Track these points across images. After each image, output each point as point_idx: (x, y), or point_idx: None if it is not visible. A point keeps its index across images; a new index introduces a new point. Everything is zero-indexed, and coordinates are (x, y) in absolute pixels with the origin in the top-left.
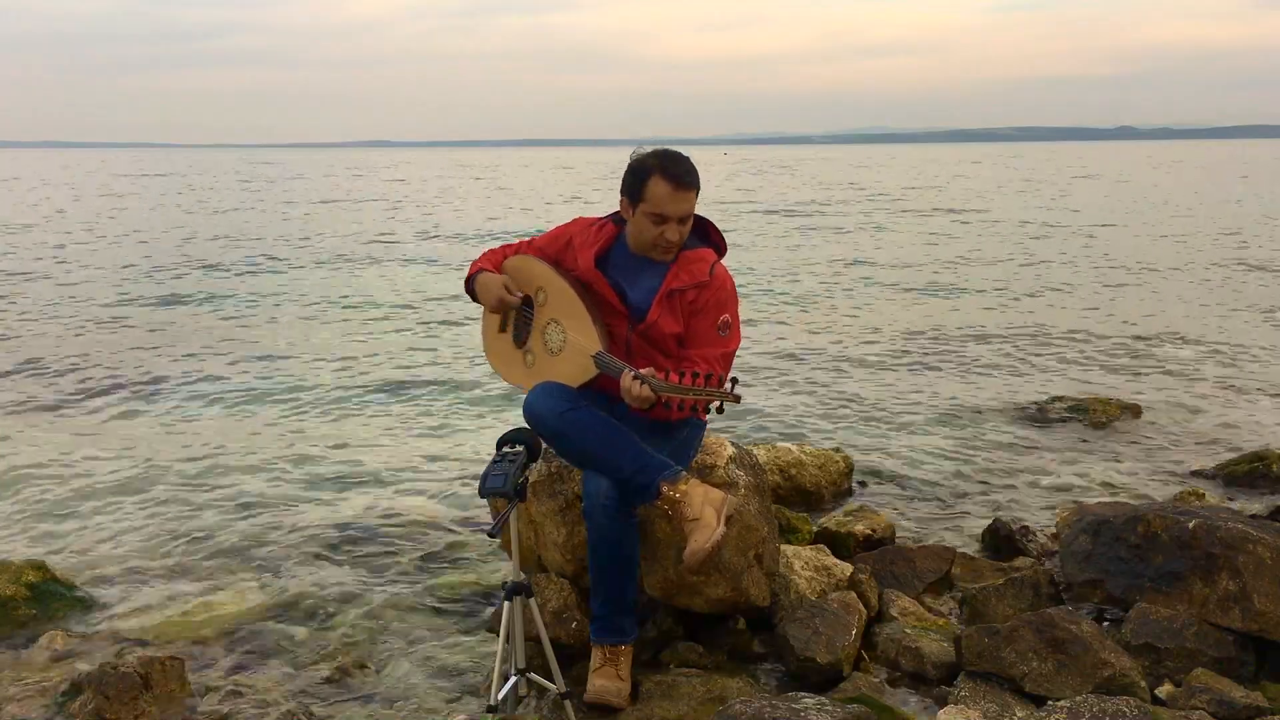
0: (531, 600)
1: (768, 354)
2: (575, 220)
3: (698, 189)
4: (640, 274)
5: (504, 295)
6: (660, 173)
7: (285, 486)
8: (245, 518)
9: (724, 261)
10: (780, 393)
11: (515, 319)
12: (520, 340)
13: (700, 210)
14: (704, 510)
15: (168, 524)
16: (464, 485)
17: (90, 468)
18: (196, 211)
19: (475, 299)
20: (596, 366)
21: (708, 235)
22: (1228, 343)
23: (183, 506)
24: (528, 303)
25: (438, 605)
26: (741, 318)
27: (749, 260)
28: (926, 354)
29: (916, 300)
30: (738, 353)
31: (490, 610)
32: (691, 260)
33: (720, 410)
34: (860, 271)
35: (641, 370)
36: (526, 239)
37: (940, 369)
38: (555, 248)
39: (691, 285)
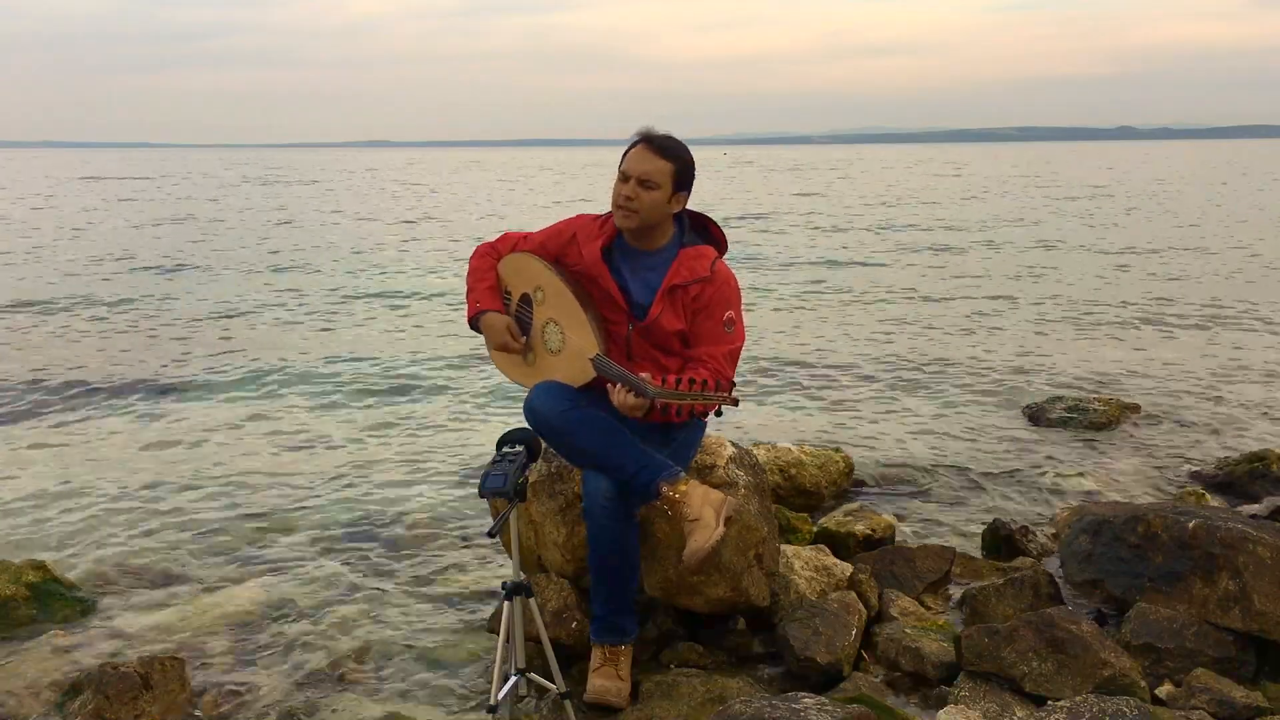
0: (531, 600)
1: (768, 354)
2: (578, 216)
3: (672, 161)
4: (641, 269)
5: (507, 341)
6: (637, 138)
7: (285, 487)
8: (245, 518)
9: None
10: (780, 393)
11: (515, 318)
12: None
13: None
14: (703, 510)
15: (167, 524)
16: (464, 485)
17: (90, 468)
18: (204, 210)
19: (479, 330)
20: (595, 370)
21: (708, 232)
22: (1228, 342)
23: (182, 506)
24: (526, 300)
25: (438, 605)
26: (743, 318)
27: (748, 260)
28: (927, 354)
29: (917, 301)
30: (741, 351)
31: (490, 610)
32: (692, 256)
33: (719, 413)
34: (861, 271)
35: (640, 375)
36: (522, 233)
37: (940, 369)
38: (557, 243)
39: (693, 281)
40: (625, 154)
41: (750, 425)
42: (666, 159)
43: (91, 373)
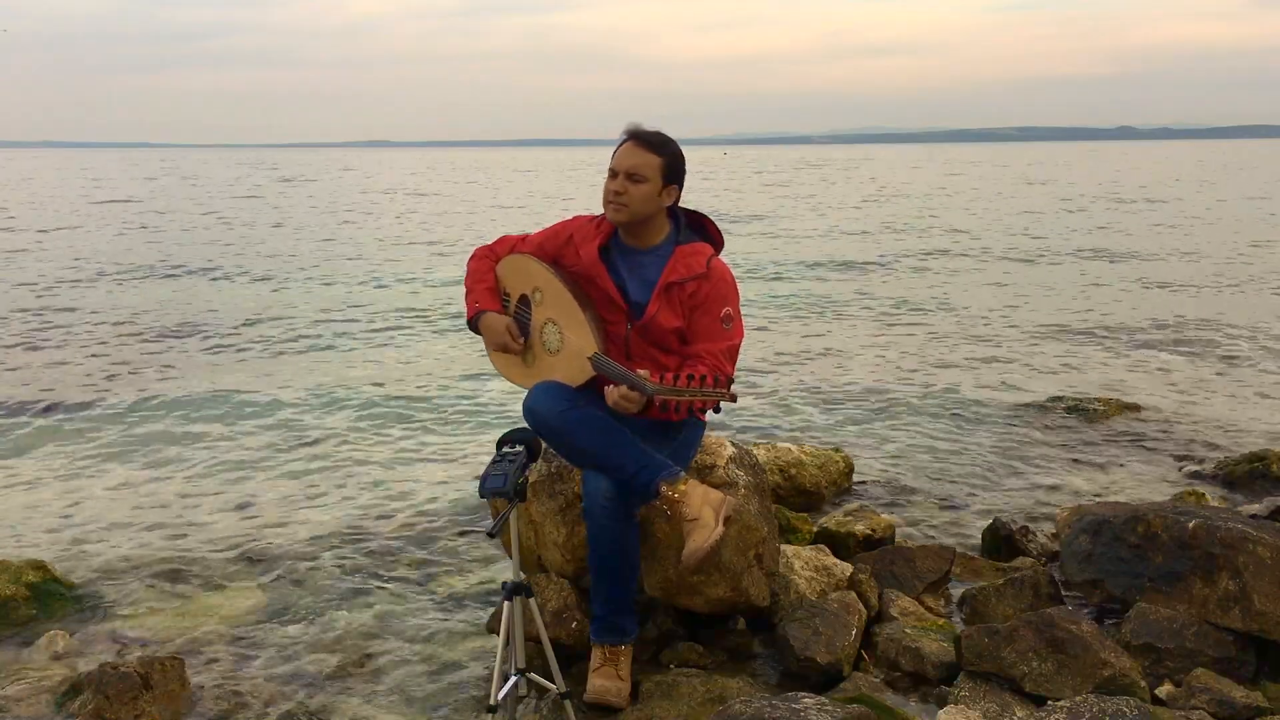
0: (531, 600)
1: (768, 354)
2: (575, 218)
3: (660, 155)
4: (637, 268)
5: (508, 342)
6: (625, 135)
7: (285, 487)
8: (245, 518)
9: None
10: (780, 393)
11: (514, 319)
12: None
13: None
14: (703, 510)
15: (168, 524)
16: (464, 485)
17: (91, 468)
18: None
19: (477, 332)
20: (594, 369)
21: (705, 230)
22: (1227, 343)
23: (183, 507)
24: (524, 301)
25: (438, 605)
26: (744, 318)
27: (749, 259)
28: (927, 354)
29: (916, 302)
30: (740, 348)
31: (490, 610)
32: (688, 254)
33: (717, 410)
34: (861, 271)
35: (638, 372)
36: (520, 235)
37: (940, 369)
38: (555, 244)
39: (690, 278)
40: (614, 151)
41: (750, 425)
42: (654, 153)
43: (93, 375)
